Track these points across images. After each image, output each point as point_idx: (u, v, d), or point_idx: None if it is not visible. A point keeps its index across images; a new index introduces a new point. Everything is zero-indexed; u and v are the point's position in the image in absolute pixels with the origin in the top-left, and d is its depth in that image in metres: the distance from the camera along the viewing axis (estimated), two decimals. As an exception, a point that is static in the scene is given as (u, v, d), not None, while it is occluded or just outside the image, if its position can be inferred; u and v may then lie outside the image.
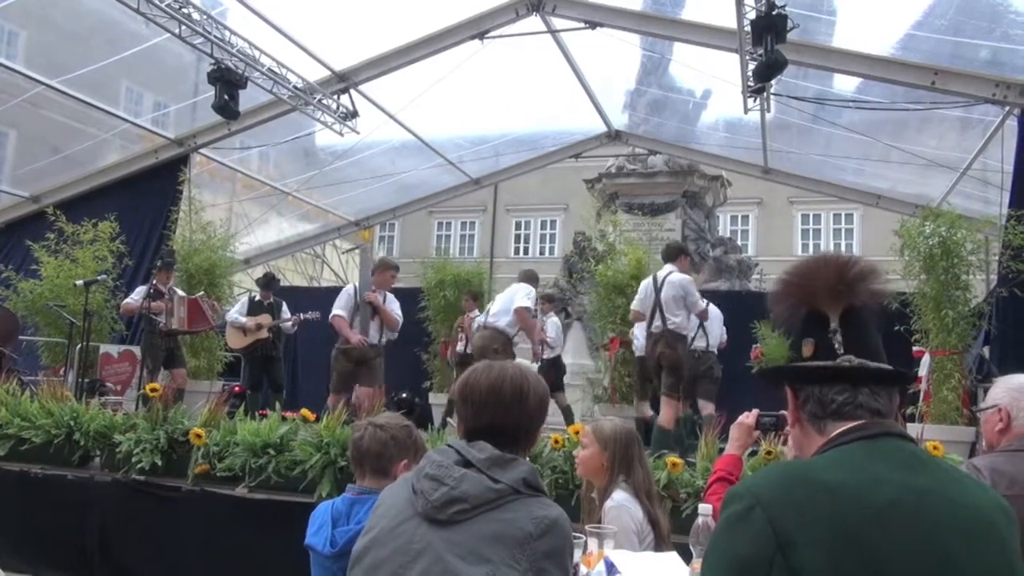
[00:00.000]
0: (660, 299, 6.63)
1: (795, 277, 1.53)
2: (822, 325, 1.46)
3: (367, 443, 2.40)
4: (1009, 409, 2.41)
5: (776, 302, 1.56)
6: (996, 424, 2.44)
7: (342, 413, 4.73)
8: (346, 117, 9.50)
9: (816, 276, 1.49)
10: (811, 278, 1.50)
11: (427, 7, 8.43)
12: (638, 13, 8.50)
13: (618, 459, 2.83)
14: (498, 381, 1.77)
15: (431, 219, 30.39)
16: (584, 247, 13.66)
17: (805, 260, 1.56)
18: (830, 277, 1.47)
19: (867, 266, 1.49)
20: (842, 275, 1.47)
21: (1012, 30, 7.13)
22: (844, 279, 1.46)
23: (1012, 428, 2.39)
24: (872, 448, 1.31)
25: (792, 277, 1.54)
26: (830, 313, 1.46)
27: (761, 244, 27.03)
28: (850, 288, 1.46)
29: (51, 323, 8.41)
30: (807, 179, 11.80)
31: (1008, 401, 2.43)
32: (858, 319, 1.46)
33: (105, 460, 4.94)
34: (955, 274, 6.77)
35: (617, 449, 2.84)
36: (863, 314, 1.47)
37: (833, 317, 1.45)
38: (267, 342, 8.49)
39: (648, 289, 6.77)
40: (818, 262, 1.52)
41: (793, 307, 1.53)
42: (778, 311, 1.56)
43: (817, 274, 1.49)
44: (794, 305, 1.53)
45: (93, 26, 8.36)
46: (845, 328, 1.44)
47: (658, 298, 6.65)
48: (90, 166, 10.28)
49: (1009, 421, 2.41)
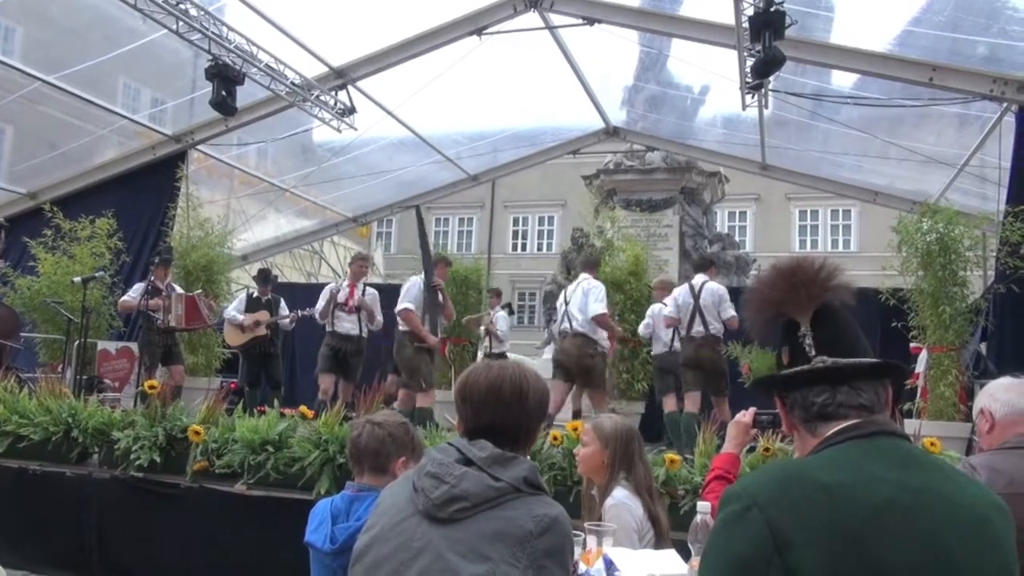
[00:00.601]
0: (700, 305, 6.96)
1: (762, 288, 1.56)
2: (793, 331, 1.48)
3: (365, 440, 2.41)
4: (989, 408, 2.49)
5: (749, 313, 1.59)
6: (984, 427, 2.52)
7: (341, 409, 4.74)
8: (344, 113, 9.49)
9: (782, 285, 1.51)
10: (778, 287, 1.52)
11: (425, 3, 8.42)
12: (636, 9, 8.49)
13: (619, 456, 2.83)
14: (497, 381, 1.78)
15: (429, 215, 30.34)
16: (582, 243, 13.64)
17: (769, 270, 1.59)
18: (796, 285, 1.49)
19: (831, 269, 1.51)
20: (808, 281, 1.49)
21: (1010, 26, 7.13)
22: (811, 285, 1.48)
23: (997, 423, 2.46)
24: (867, 447, 1.31)
25: (760, 288, 1.57)
26: (799, 318, 1.48)
27: (759, 240, 27.07)
28: (819, 293, 1.48)
29: (49, 320, 8.41)
30: (805, 175, 11.82)
31: (987, 401, 2.52)
32: (828, 319, 1.47)
33: (103, 457, 4.95)
34: (952, 270, 6.78)
35: (618, 447, 2.84)
36: (833, 313, 1.48)
37: (803, 321, 1.47)
38: (265, 339, 8.48)
39: (686, 296, 7.09)
40: (782, 271, 1.54)
41: (766, 318, 1.56)
42: (752, 323, 1.59)
43: (783, 283, 1.51)
44: (766, 316, 1.56)
45: (90, 22, 8.34)
46: (815, 330, 1.46)
47: (698, 304, 6.98)
48: (87, 162, 10.26)
49: (993, 420, 2.47)
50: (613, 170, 14.00)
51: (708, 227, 14.20)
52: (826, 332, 1.45)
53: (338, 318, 7.81)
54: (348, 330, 7.82)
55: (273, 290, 8.93)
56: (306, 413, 4.82)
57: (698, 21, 8.14)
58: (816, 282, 1.48)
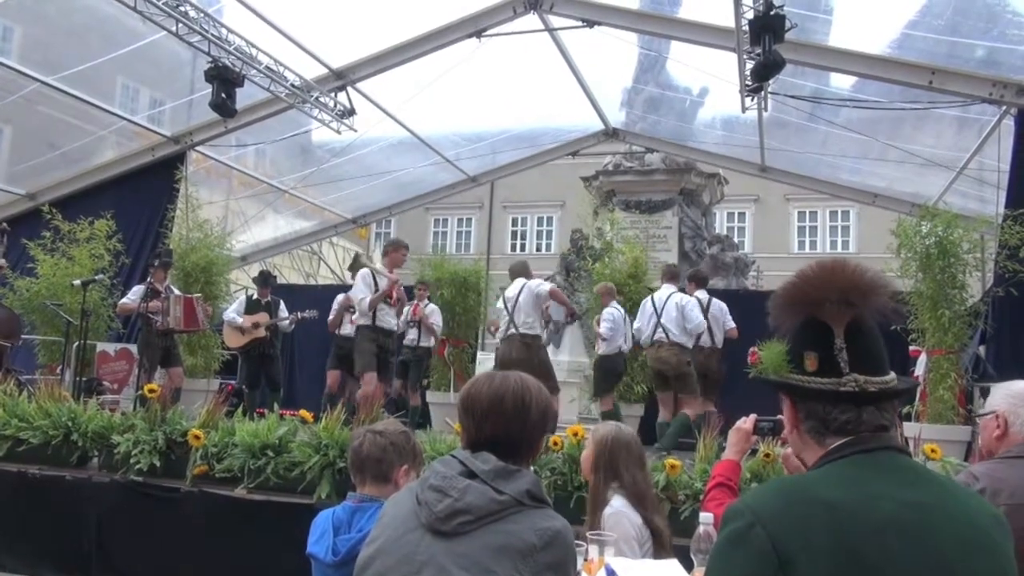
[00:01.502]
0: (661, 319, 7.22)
1: (801, 284, 1.47)
2: (825, 338, 1.41)
3: (367, 450, 2.41)
4: (1007, 415, 2.40)
5: (779, 309, 1.50)
6: (994, 431, 2.43)
7: (341, 413, 4.74)
8: (343, 115, 9.49)
9: (824, 286, 1.43)
10: (819, 287, 1.44)
11: (424, 5, 8.42)
12: (635, 11, 8.49)
13: (602, 464, 2.87)
14: (499, 392, 1.77)
15: (428, 216, 30.37)
16: (581, 245, 13.65)
17: (812, 267, 1.49)
18: (838, 288, 1.42)
19: (877, 278, 1.44)
20: (852, 287, 1.41)
21: (1009, 30, 7.15)
22: (854, 292, 1.41)
23: (1009, 434, 2.38)
24: (869, 462, 1.31)
25: (798, 284, 1.47)
26: (834, 325, 1.41)
27: (758, 241, 27.07)
28: (860, 301, 1.41)
29: (47, 322, 8.40)
30: (804, 177, 11.81)
31: (1006, 407, 2.41)
32: (863, 332, 1.42)
33: (103, 461, 4.95)
34: (952, 273, 6.79)
35: (601, 453, 2.88)
36: (868, 326, 1.42)
37: (838, 331, 1.40)
38: (264, 341, 8.48)
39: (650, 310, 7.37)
40: (825, 270, 1.45)
41: (797, 317, 1.48)
42: (780, 318, 1.51)
43: (825, 283, 1.43)
44: (797, 315, 1.47)
45: (89, 22, 8.33)
46: (851, 343, 1.40)
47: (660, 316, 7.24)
48: (86, 163, 10.24)
49: (1007, 428, 2.39)
50: (612, 171, 14.00)
51: (707, 228, 14.22)
52: (860, 347, 1.40)
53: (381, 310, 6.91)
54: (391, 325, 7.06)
55: (273, 292, 8.92)
56: (306, 417, 4.82)
57: (697, 24, 8.14)
58: (859, 289, 1.41)
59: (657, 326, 7.17)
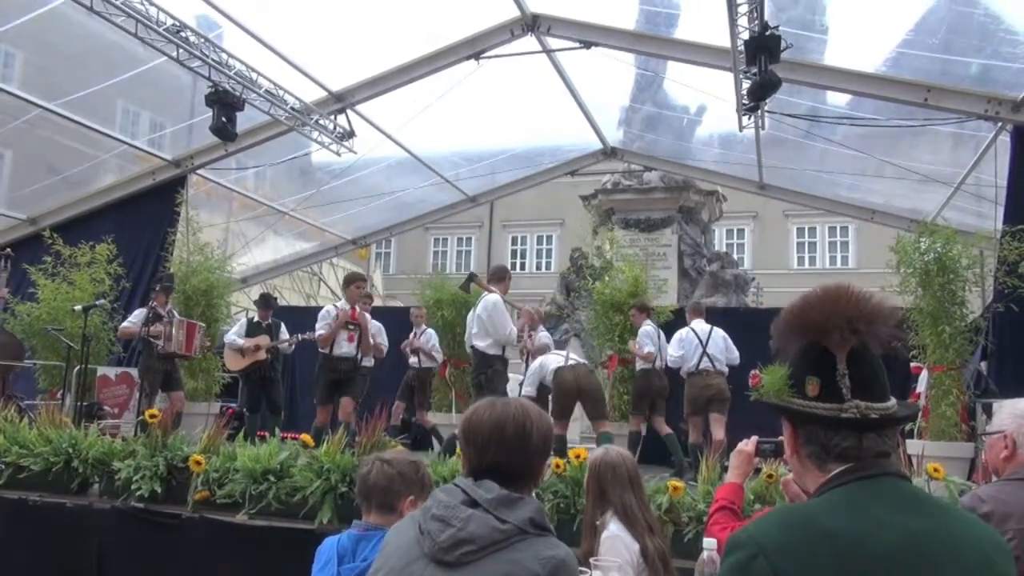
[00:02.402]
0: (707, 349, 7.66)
1: (806, 310, 1.47)
2: (828, 363, 1.41)
3: (374, 478, 2.40)
4: (1015, 436, 2.37)
5: (782, 333, 1.50)
6: (1001, 451, 2.40)
7: (343, 437, 4.73)
8: (343, 137, 9.53)
9: (829, 312, 1.43)
10: (823, 313, 1.43)
11: (422, 28, 8.49)
12: (632, 32, 8.55)
13: (592, 487, 2.91)
14: (501, 420, 1.78)
15: (427, 235, 30.42)
16: (581, 264, 13.69)
17: (816, 292, 1.48)
18: (843, 315, 1.41)
19: (882, 306, 1.44)
20: (857, 315, 1.41)
21: (1003, 48, 7.20)
22: (859, 319, 1.41)
23: (1017, 455, 2.35)
24: (871, 489, 1.31)
25: (802, 309, 1.47)
26: (837, 351, 1.41)
27: (757, 258, 27.11)
28: (864, 329, 1.41)
29: (48, 346, 8.39)
30: (802, 194, 11.85)
31: (1014, 428, 2.38)
32: (866, 359, 1.42)
33: (104, 487, 4.94)
34: (951, 290, 6.79)
35: (591, 477, 2.92)
36: (870, 353, 1.42)
37: (840, 356, 1.40)
38: (265, 363, 8.47)
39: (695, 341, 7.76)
40: (830, 296, 1.45)
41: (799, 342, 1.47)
42: (783, 342, 1.50)
43: (830, 310, 1.43)
44: (800, 340, 1.47)
45: (90, 48, 8.38)
46: (853, 369, 1.40)
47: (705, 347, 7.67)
48: (87, 187, 10.29)
49: (1014, 448, 2.36)
50: (611, 190, 14.07)
51: (706, 246, 14.26)
52: (862, 373, 1.40)
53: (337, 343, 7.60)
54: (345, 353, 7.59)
55: (274, 314, 8.93)
56: (307, 441, 4.81)
57: (693, 44, 8.20)
58: (864, 317, 1.41)
59: (703, 355, 7.63)
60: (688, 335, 7.81)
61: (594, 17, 8.29)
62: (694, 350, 7.70)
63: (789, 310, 1.50)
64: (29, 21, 7.43)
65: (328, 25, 8.00)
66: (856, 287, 1.47)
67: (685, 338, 7.81)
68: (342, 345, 7.49)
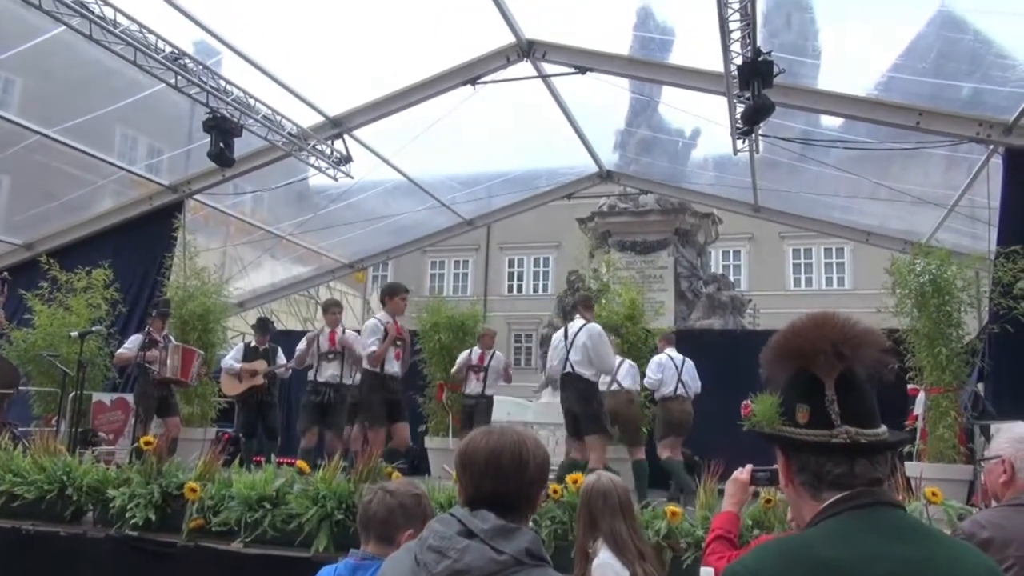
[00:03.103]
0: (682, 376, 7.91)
1: (792, 337, 1.49)
2: (817, 390, 1.42)
3: (375, 508, 2.39)
4: (1013, 461, 2.35)
5: (770, 361, 1.52)
6: (1000, 476, 2.38)
7: (339, 463, 4.71)
8: (340, 162, 9.59)
9: (815, 338, 1.44)
10: (810, 339, 1.45)
11: (419, 54, 8.58)
12: (626, 58, 8.65)
13: (582, 514, 2.90)
14: (497, 449, 1.77)
15: (425, 258, 30.48)
16: (578, 286, 13.69)
17: (802, 319, 1.50)
18: (828, 340, 1.43)
19: (867, 330, 1.45)
20: (843, 339, 1.42)
21: (992, 71, 7.28)
22: (845, 344, 1.42)
23: (1016, 480, 2.34)
24: (866, 519, 1.31)
25: (789, 337, 1.49)
26: (825, 378, 1.42)
27: (754, 279, 27.17)
28: (850, 353, 1.42)
29: (44, 372, 8.37)
30: (797, 216, 11.93)
31: (1012, 452, 2.37)
32: (854, 385, 1.43)
33: (98, 515, 4.90)
34: (947, 311, 6.81)
35: (582, 504, 2.91)
36: (858, 379, 1.43)
37: (828, 382, 1.42)
38: (262, 388, 8.44)
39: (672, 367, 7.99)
40: (815, 322, 1.47)
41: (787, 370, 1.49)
42: (772, 370, 1.52)
43: (816, 336, 1.45)
44: (788, 368, 1.49)
45: (89, 75, 8.43)
46: (841, 395, 1.41)
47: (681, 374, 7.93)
48: (84, 213, 10.31)
49: (1013, 473, 2.35)
50: (607, 212, 14.12)
51: (703, 268, 14.30)
52: (851, 399, 1.41)
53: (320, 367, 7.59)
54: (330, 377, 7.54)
55: (271, 339, 8.91)
56: (303, 468, 4.78)
57: (687, 69, 8.29)
58: (849, 341, 1.42)
59: (679, 382, 7.88)
60: (666, 361, 8.03)
61: (589, 43, 8.39)
62: (671, 376, 7.94)
63: (776, 338, 1.52)
64: (29, 48, 7.49)
65: (325, 51, 8.08)
66: (842, 313, 1.49)
67: (664, 364, 8.01)
68: (392, 363, 6.87)
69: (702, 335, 11.30)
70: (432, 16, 7.93)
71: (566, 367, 6.74)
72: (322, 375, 7.52)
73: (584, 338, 6.73)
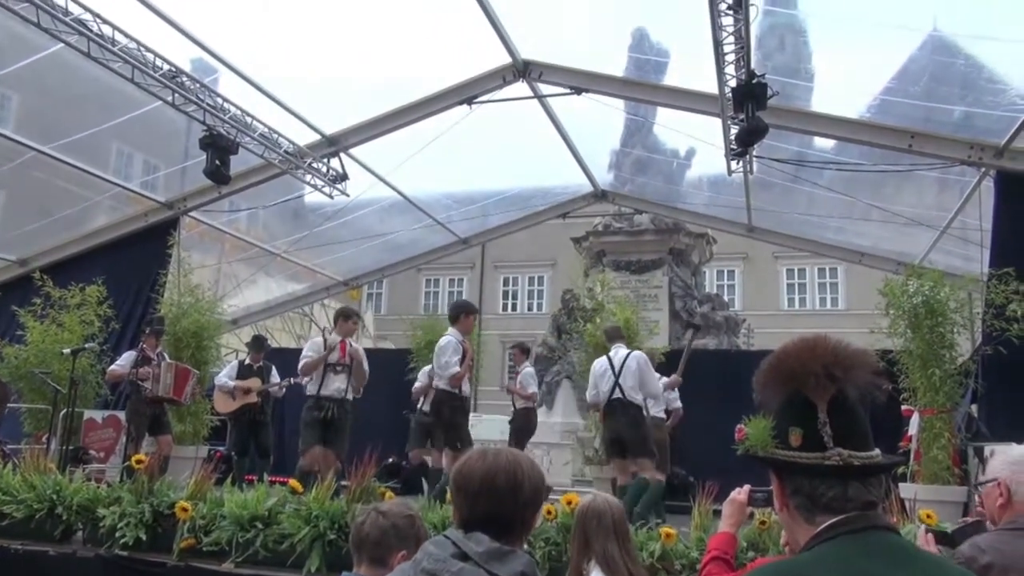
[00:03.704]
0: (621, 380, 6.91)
1: (784, 360, 1.50)
2: (809, 413, 1.43)
3: (368, 529, 2.37)
4: (1009, 484, 2.34)
5: (763, 385, 1.53)
6: (996, 499, 2.37)
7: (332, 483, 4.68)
8: (336, 180, 9.60)
9: (806, 360, 1.45)
10: (801, 362, 1.46)
11: (416, 74, 8.63)
12: (621, 79, 8.72)
13: (576, 535, 2.89)
14: (492, 471, 1.77)
15: (419, 276, 30.48)
16: (572, 306, 13.72)
17: (794, 342, 1.51)
18: (820, 362, 1.44)
19: (858, 352, 1.46)
20: (834, 361, 1.44)
21: (984, 95, 7.37)
22: (836, 366, 1.43)
23: (1013, 503, 2.32)
24: (860, 543, 1.31)
25: (780, 360, 1.50)
26: (817, 400, 1.43)
27: (748, 299, 27.25)
28: (842, 375, 1.43)
29: (35, 389, 8.31)
30: (791, 237, 11.98)
31: (1008, 475, 2.36)
32: (846, 407, 1.43)
33: (88, 535, 4.85)
34: (940, 332, 6.82)
35: (576, 524, 2.90)
36: (850, 402, 1.44)
37: (821, 405, 1.43)
38: (256, 406, 8.40)
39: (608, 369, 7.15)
40: (807, 345, 1.48)
41: (780, 393, 1.50)
42: (764, 394, 1.53)
43: (807, 358, 1.46)
44: (780, 390, 1.50)
45: (86, 92, 8.45)
46: (833, 417, 1.42)
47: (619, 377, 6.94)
48: (79, 229, 10.29)
49: (1009, 496, 2.33)
50: (602, 232, 14.18)
51: (697, 287, 14.34)
52: (843, 421, 1.42)
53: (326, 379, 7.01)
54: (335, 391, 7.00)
55: (265, 357, 8.88)
56: (296, 487, 4.75)
57: (682, 90, 8.35)
58: (840, 363, 1.43)
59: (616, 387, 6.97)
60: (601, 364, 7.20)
61: (584, 64, 8.45)
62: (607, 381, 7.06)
63: (767, 362, 1.53)
64: (26, 65, 7.51)
65: (323, 70, 8.12)
66: (833, 336, 1.50)
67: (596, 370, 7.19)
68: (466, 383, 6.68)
69: (696, 355, 11.31)
70: (429, 36, 8.00)
71: (615, 393, 6.68)
72: (327, 388, 6.90)
73: (634, 365, 6.72)
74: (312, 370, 6.90)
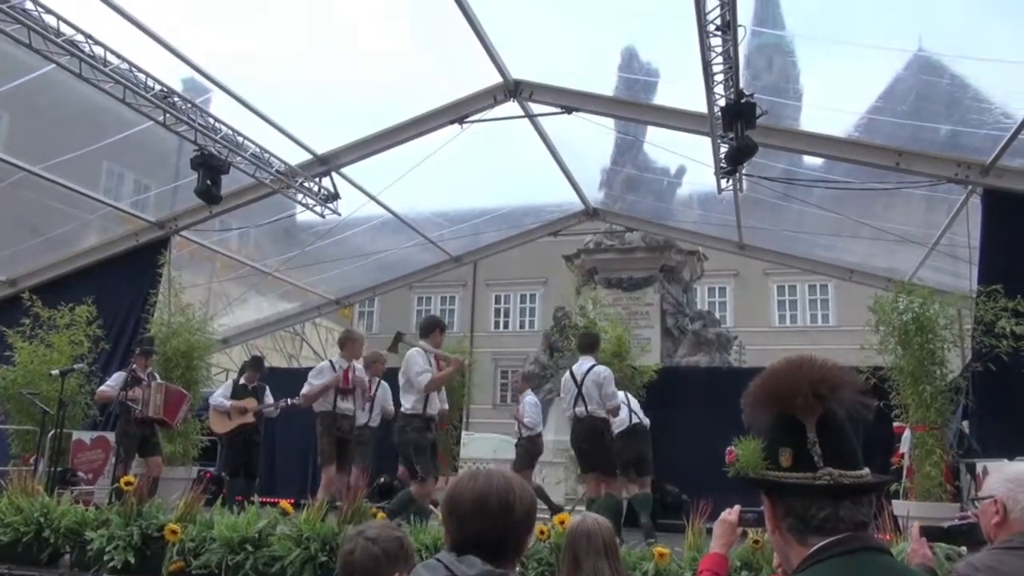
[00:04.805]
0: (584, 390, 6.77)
1: (771, 380, 1.51)
2: (798, 433, 1.44)
3: (359, 558, 2.34)
4: (1005, 501, 2.33)
5: (752, 406, 1.53)
6: (993, 516, 2.35)
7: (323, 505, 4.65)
8: (327, 199, 9.60)
9: (793, 380, 1.46)
10: (788, 382, 1.47)
11: (407, 93, 8.68)
12: (611, 99, 8.79)
13: (566, 555, 2.89)
14: (484, 493, 1.76)
15: (411, 294, 30.44)
16: (564, 323, 13.71)
17: (780, 363, 1.52)
18: (806, 382, 1.45)
19: (844, 371, 1.47)
20: (820, 380, 1.44)
21: (969, 114, 7.45)
22: (823, 385, 1.44)
23: (1009, 521, 2.31)
24: (852, 565, 1.32)
25: (768, 381, 1.51)
26: (806, 420, 1.44)
27: (739, 315, 27.31)
28: (829, 394, 1.44)
29: (23, 410, 8.22)
30: (781, 254, 12.05)
31: (1004, 493, 2.34)
32: (835, 427, 1.44)
33: (76, 558, 4.80)
34: (930, 349, 6.84)
35: (567, 544, 2.90)
36: (838, 421, 1.45)
37: (810, 425, 1.43)
38: (251, 426, 8.35)
39: None
40: (793, 366, 1.49)
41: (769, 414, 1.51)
42: (753, 415, 1.53)
43: (794, 378, 1.47)
44: (769, 411, 1.51)
45: (77, 112, 8.44)
46: (823, 437, 1.42)
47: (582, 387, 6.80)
48: (69, 249, 10.24)
49: (1006, 514, 2.32)
50: (593, 249, 14.22)
51: (689, 304, 14.37)
52: (832, 441, 1.42)
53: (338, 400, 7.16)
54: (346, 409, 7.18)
55: (260, 377, 8.84)
56: (287, 508, 4.71)
57: (671, 109, 8.43)
58: (827, 382, 1.44)
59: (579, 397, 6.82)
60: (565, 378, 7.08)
61: (575, 83, 8.52)
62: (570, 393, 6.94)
63: (755, 383, 1.54)
64: (16, 85, 7.50)
65: (314, 90, 8.16)
66: (818, 356, 1.51)
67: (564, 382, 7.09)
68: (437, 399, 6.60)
69: (688, 372, 11.32)
70: (420, 56, 8.05)
71: (577, 406, 6.62)
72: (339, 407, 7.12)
73: (591, 381, 6.60)
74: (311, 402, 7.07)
